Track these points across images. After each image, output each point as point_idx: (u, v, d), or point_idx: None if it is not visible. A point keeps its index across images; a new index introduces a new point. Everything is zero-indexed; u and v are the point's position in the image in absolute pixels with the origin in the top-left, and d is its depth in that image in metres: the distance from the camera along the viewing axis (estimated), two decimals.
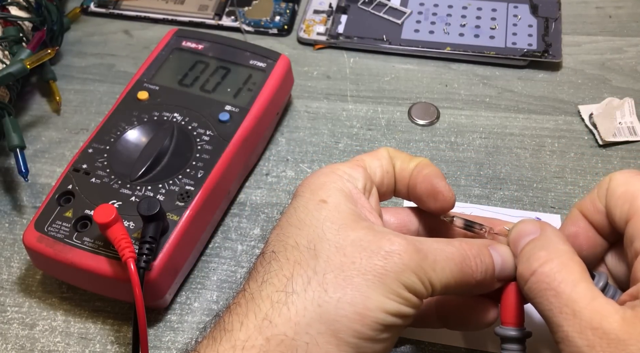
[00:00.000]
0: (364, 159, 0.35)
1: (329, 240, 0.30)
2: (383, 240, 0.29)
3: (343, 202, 0.31)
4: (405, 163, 0.35)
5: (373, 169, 0.35)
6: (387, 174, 0.35)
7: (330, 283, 0.28)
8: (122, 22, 0.60)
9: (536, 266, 0.29)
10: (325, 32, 0.57)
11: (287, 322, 0.28)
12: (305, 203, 0.32)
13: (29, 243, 0.39)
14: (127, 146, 0.43)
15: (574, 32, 0.57)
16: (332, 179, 0.33)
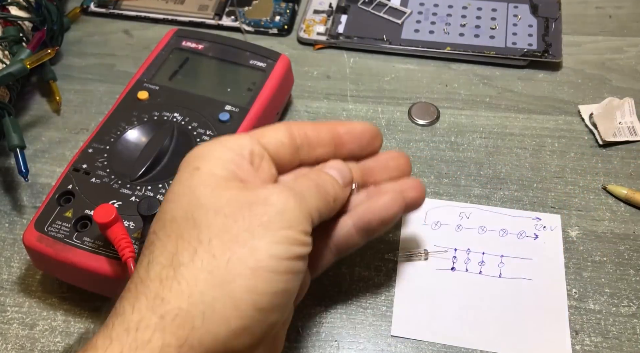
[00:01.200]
0: (257, 131, 0.34)
1: (205, 205, 0.29)
2: (259, 191, 0.30)
3: (218, 167, 0.31)
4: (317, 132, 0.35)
5: (265, 139, 0.33)
6: (280, 142, 0.34)
7: (217, 247, 0.28)
8: (122, 22, 0.60)
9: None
10: (325, 32, 0.57)
11: (180, 295, 0.27)
12: (179, 176, 0.31)
13: (29, 243, 0.39)
14: (127, 146, 0.43)
15: (574, 32, 0.57)
16: (211, 148, 0.32)
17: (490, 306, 0.40)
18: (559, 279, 0.41)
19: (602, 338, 0.38)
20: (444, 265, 0.42)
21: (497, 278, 0.41)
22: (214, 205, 0.29)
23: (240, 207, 0.29)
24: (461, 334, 0.39)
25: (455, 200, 0.45)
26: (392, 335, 0.39)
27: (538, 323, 0.39)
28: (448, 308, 0.40)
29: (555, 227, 0.43)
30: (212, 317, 0.27)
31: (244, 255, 0.28)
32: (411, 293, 0.40)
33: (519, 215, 0.44)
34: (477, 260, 0.42)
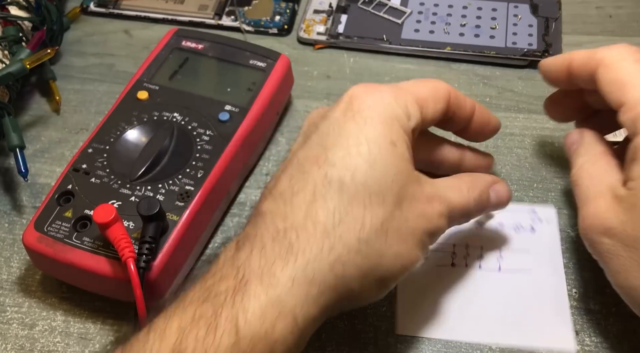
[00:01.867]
0: (427, 100, 0.35)
1: (393, 191, 0.31)
2: (427, 204, 0.33)
3: (406, 148, 0.33)
4: (463, 112, 0.37)
5: (428, 111, 0.35)
6: (435, 117, 0.36)
7: (391, 237, 0.31)
8: (122, 22, 0.60)
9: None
10: (325, 32, 0.57)
11: (355, 268, 0.30)
12: (376, 139, 0.32)
13: (28, 244, 0.39)
14: (127, 146, 0.43)
15: (574, 32, 0.57)
16: (398, 114, 0.33)
17: (493, 299, 0.40)
18: (558, 269, 0.41)
19: (602, 338, 0.38)
20: (444, 261, 0.42)
21: (497, 271, 0.41)
22: (399, 196, 0.32)
23: (414, 210, 0.32)
24: (466, 329, 0.39)
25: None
26: (398, 334, 0.39)
27: (540, 313, 0.39)
28: (451, 304, 0.40)
29: (551, 218, 0.44)
30: (364, 293, 0.32)
31: (404, 253, 0.32)
32: (413, 291, 0.40)
33: (514, 208, 0.44)
34: (476, 255, 0.42)
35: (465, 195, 0.35)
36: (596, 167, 0.37)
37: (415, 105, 0.34)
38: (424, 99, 0.35)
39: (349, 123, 0.33)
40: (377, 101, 0.33)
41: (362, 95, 0.33)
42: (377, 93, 0.34)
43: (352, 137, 0.32)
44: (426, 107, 0.35)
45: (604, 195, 0.35)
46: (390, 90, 0.34)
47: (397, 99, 0.34)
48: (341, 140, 0.32)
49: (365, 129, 0.32)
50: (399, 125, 0.33)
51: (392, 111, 0.33)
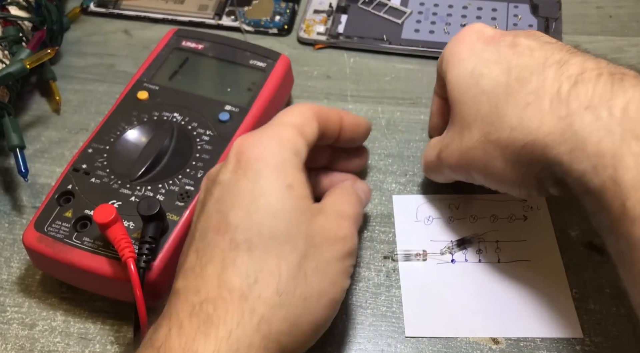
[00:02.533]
0: (303, 127, 0.36)
1: (302, 233, 0.32)
2: (338, 228, 0.34)
3: (303, 187, 0.33)
4: (333, 124, 0.39)
5: (308, 137, 0.36)
6: (314, 139, 0.37)
7: (310, 277, 0.32)
8: (122, 22, 0.60)
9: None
10: (325, 32, 0.57)
11: (282, 321, 0.30)
12: (272, 188, 0.32)
13: (28, 244, 0.39)
14: (127, 146, 0.43)
15: (574, 32, 0.57)
16: (287, 156, 0.34)
17: (495, 292, 0.40)
18: (555, 256, 0.41)
19: (602, 338, 0.38)
20: (444, 258, 0.42)
21: (497, 263, 0.41)
22: (309, 235, 0.32)
23: (326, 240, 0.33)
24: (473, 324, 0.39)
25: (455, 194, 0.45)
26: (407, 336, 0.39)
27: (544, 301, 0.40)
28: (455, 301, 0.40)
29: (541, 206, 0.44)
30: (300, 339, 0.32)
31: (329, 288, 0.32)
32: (417, 292, 0.41)
33: (505, 198, 0.44)
34: (474, 249, 0.42)
35: (352, 203, 0.37)
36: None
37: (299, 137, 0.35)
38: (302, 126, 0.35)
39: (241, 181, 0.32)
40: (262, 150, 0.33)
41: (247, 150, 0.33)
42: (261, 142, 0.34)
43: (248, 194, 0.32)
44: (306, 133, 0.35)
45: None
46: (272, 134, 0.34)
47: (282, 141, 0.34)
48: (238, 200, 0.32)
49: (259, 182, 0.32)
50: (291, 167, 0.33)
51: (280, 155, 0.33)
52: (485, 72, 0.36)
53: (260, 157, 0.33)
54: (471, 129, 0.36)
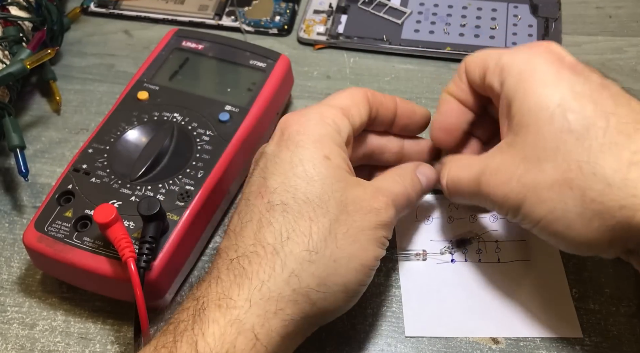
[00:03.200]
0: (349, 108, 0.37)
1: (336, 199, 0.33)
2: (373, 200, 0.34)
3: (341, 159, 0.35)
4: (386, 109, 0.39)
5: (354, 118, 0.37)
6: (363, 122, 0.38)
7: (341, 241, 0.33)
8: (122, 22, 0.60)
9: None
10: (325, 32, 0.57)
11: (311, 277, 0.32)
12: (310, 157, 0.34)
13: (29, 243, 0.39)
14: (127, 146, 0.43)
15: (574, 32, 0.57)
16: (327, 131, 0.35)
17: (495, 292, 0.40)
18: (555, 256, 0.41)
19: (602, 338, 0.38)
20: (443, 258, 0.42)
21: (497, 263, 0.41)
22: (343, 202, 0.33)
23: (360, 209, 0.34)
24: (472, 324, 0.39)
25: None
26: (407, 336, 0.39)
27: (544, 301, 0.40)
28: (455, 301, 0.40)
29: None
30: (330, 298, 0.33)
31: (360, 252, 0.33)
32: (417, 292, 0.41)
33: None
34: (474, 249, 0.42)
35: (400, 182, 0.37)
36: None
37: (343, 117, 0.36)
38: (348, 108, 0.37)
39: (283, 152, 0.35)
40: (304, 125, 0.35)
41: (291, 125, 0.36)
42: (304, 118, 0.36)
43: (287, 162, 0.34)
44: (352, 114, 0.37)
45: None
46: (316, 112, 0.36)
47: (323, 118, 0.36)
48: (278, 168, 0.34)
49: (298, 152, 0.34)
50: (330, 141, 0.35)
51: (320, 130, 0.35)
52: (577, 107, 0.32)
53: (302, 131, 0.35)
54: (543, 165, 0.33)
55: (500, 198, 0.34)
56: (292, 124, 0.35)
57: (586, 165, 0.31)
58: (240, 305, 0.31)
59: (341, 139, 0.36)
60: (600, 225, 0.31)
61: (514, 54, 0.36)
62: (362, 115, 0.38)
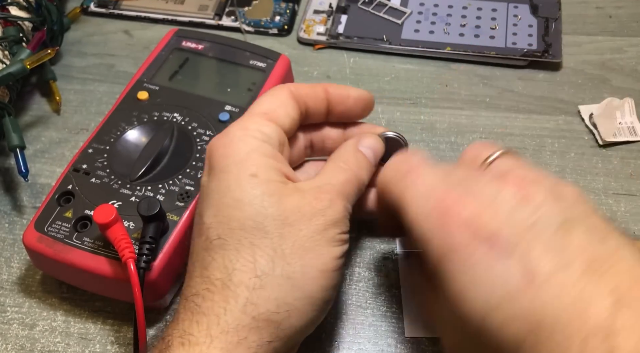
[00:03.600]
0: (275, 111, 0.36)
1: (272, 215, 0.32)
2: (315, 201, 0.33)
3: (271, 171, 0.33)
4: (315, 100, 0.38)
5: (282, 120, 0.36)
6: (293, 120, 0.36)
7: (290, 255, 0.31)
8: (122, 22, 0.60)
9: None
10: (325, 32, 0.57)
11: (267, 300, 0.31)
12: (237, 180, 0.33)
13: (28, 244, 0.39)
14: (127, 146, 0.43)
15: (574, 32, 0.57)
16: (251, 145, 0.34)
17: None
18: None
19: None
20: None
21: None
22: (281, 216, 0.32)
23: (302, 217, 0.32)
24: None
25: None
26: (407, 337, 0.39)
27: None
28: None
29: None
30: (295, 314, 0.31)
31: (313, 260, 0.32)
32: (416, 291, 0.40)
33: None
34: None
35: (343, 167, 0.36)
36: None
37: (269, 123, 0.35)
38: (273, 111, 0.35)
39: (212, 182, 0.33)
40: (228, 147, 0.34)
41: (217, 149, 0.34)
42: (227, 138, 0.34)
43: (216, 193, 0.33)
44: (279, 116, 0.36)
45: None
46: (238, 127, 0.35)
47: (247, 132, 0.34)
48: (210, 201, 0.33)
49: (225, 179, 0.33)
50: (257, 155, 0.33)
51: (244, 146, 0.34)
52: None
53: (226, 154, 0.34)
54: None
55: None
56: (217, 148, 0.34)
57: None
58: (202, 341, 0.30)
59: (271, 147, 0.34)
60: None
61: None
62: (291, 113, 0.36)
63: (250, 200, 0.32)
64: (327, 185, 0.34)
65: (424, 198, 0.31)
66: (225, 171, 0.33)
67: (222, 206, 0.32)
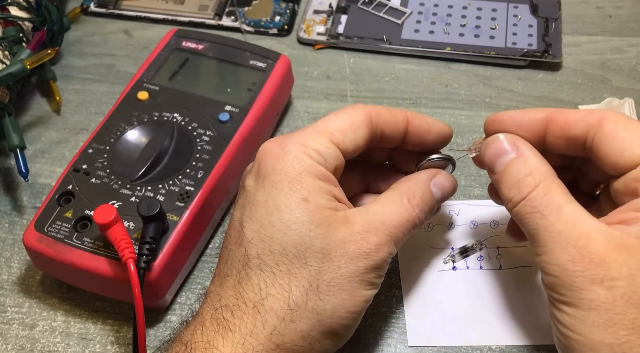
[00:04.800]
0: (343, 133, 0.34)
1: (315, 247, 0.31)
2: (362, 241, 0.32)
3: (322, 195, 0.32)
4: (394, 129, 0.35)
5: (346, 144, 0.34)
6: (358, 148, 0.35)
7: (324, 292, 0.31)
8: (122, 22, 0.60)
9: (526, 192, 0.32)
10: (325, 32, 0.57)
11: (294, 332, 0.31)
12: (286, 202, 0.32)
13: (29, 244, 0.39)
14: (127, 146, 0.43)
15: (574, 32, 0.57)
16: (305, 165, 0.32)
17: (497, 299, 0.40)
18: None
19: None
20: (445, 266, 0.42)
21: (499, 270, 0.41)
22: (323, 249, 0.31)
23: (345, 254, 0.31)
24: (476, 333, 0.39)
25: (454, 200, 0.45)
26: (410, 346, 0.39)
27: (546, 308, 0.39)
28: (458, 310, 0.40)
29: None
30: (316, 347, 0.31)
31: (346, 301, 0.31)
32: (419, 301, 0.40)
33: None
34: (475, 255, 0.42)
35: (406, 206, 0.34)
36: (560, 196, 0.31)
37: (330, 145, 0.33)
38: (341, 132, 0.34)
39: (259, 192, 0.33)
40: (282, 161, 0.33)
41: (268, 158, 0.33)
42: (282, 151, 0.33)
43: (263, 207, 0.32)
44: (344, 140, 0.34)
45: (591, 237, 0.29)
46: (297, 142, 0.33)
47: (304, 150, 0.33)
48: (254, 212, 0.32)
49: (274, 195, 0.32)
50: (310, 177, 0.32)
51: (298, 166, 0.32)
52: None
53: (278, 169, 0.32)
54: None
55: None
56: (269, 158, 0.33)
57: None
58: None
59: (325, 170, 0.33)
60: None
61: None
62: (358, 139, 0.34)
63: (297, 226, 0.31)
64: (379, 223, 0.32)
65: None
66: (275, 188, 0.32)
67: (267, 224, 0.32)
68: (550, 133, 0.34)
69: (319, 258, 0.31)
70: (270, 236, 0.32)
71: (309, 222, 0.31)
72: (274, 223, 0.32)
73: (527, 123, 0.34)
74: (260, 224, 0.32)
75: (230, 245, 0.33)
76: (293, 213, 0.31)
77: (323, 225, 0.31)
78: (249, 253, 0.32)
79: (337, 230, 0.32)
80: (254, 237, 0.32)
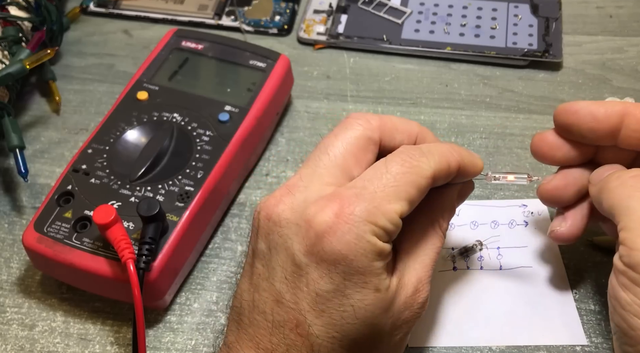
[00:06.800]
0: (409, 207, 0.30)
1: (384, 341, 0.31)
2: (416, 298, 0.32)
3: (382, 281, 0.30)
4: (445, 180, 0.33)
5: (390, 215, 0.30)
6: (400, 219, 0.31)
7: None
8: (122, 22, 0.60)
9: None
10: (325, 32, 0.57)
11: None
12: (359, 296, 0.29)
13: (28, 244, 0.39)
14: (127, 146, 0.43)
15: (574, 32, 0.57)
16: (361, 252, 0.29)
17: (498, 299, 0.40)
18: (557, 262, 0.41)
19: (602, 339, 0.38)
20: (445, 266, 0.42)
21: (499, 270, 0.41)
22: (389, 342, 0.31)
23: (408, 319, 0.32)
24: (477, 334, 0.39)
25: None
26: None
27: (547, 308, 0.39)
28: (459, 310, 0.40)
29: (542, 211, 0.44)
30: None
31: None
32: None
33: (505, 204, 0.44)
34: (475, 256, 0.42)
35: (438, 233, 0.33)
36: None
37: (393, 215, 0.29)
38: (409, 207, 0.30)
39: (324, 279, 0.29)
40: (346, 246, 0.28)
41: (329, 235, 0.28)
42: (341, 232, 0.28)
43: (332, 297, 0.29)
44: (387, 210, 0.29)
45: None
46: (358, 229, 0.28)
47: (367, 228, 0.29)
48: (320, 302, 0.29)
49: (343, 286, 0.29)
50: (374, 259, 0.29)
51: (362, 251, 0.28)
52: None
53: (342, 257, 0.28)
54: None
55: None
56: (330, 237, 0.28)
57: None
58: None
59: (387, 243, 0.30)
60: None
61: None
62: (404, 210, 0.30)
63: (368, 317, 0.30)
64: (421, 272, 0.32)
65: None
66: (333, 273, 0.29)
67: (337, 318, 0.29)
68: (626, 126, 0.33)
69: (389, 335, 0.31)
70: (348, 327, 0.29)
71: (380, 315, 0.30)
72: (347, 316, 0.29)
73: (604, 115, 0.34)
74: (330, 317, 0.29)
75: (285, 328, 0.29)
76: (366, 301, 0.29)
77: (389, 308, 0.30)
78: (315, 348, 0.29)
79: (397, 301, 0.31)
80: (321, 333, 0.29)
